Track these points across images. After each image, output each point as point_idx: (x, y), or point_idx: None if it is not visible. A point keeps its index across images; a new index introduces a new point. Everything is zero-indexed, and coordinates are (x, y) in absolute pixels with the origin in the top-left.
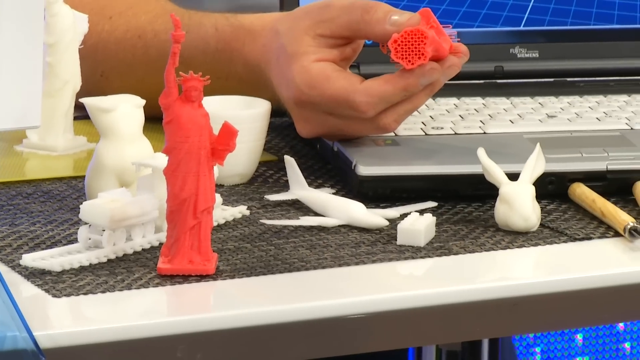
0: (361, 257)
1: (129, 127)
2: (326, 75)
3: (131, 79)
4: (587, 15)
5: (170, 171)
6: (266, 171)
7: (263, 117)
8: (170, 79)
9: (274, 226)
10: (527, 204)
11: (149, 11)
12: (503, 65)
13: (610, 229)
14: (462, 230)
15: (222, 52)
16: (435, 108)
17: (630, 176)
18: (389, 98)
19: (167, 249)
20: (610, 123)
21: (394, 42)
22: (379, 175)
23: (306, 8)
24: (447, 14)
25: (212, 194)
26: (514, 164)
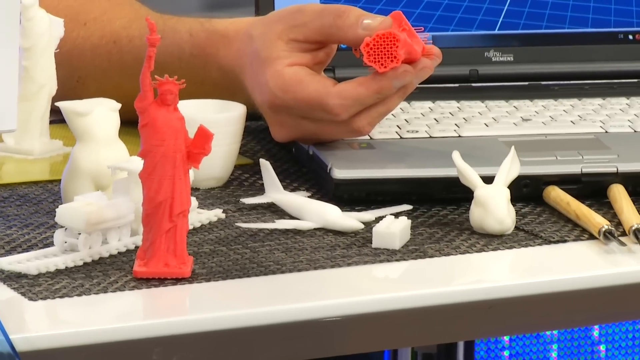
0: (336, 260)
1: (104, 131)
2: (299, 79)
3: (107, 84)
4: (561, 18)
5: (145, 174)
6: (242, 174)
7: (238, 120)
8: (146, 83)
9: (250, 229)
10: (502, 206)
11: (123, 16)
12: (478, 68)
13: (584, 231)
14: (437, 233)
15: (197, 58)
16: (410, 111)
17: (604, 179)
18: (363, 100)
19: (142, 252)
20: (585, 126)
21: (366, 45)
22: (354, 179)
23: (279, 13)
24: (421, 17)
25: (187, 197)
26: (488, 167)
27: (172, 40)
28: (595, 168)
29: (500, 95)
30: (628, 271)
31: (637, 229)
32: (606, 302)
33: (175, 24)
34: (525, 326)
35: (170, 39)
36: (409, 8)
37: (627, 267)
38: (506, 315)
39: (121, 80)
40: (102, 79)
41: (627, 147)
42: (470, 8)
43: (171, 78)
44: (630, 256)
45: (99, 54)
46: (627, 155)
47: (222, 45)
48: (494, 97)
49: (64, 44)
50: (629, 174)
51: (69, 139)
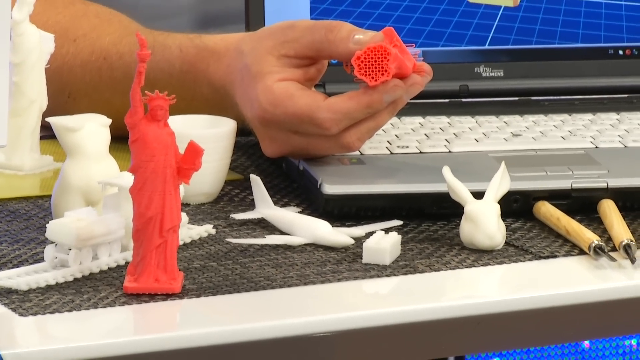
0: (327, 275)
1: (95, 146)
2: (289, 94)
3: (98, 100)
4: (551, 34)
5: (136, 190)
6: (232, 190)
7: (229, 136)
8: (136, 98)
9: (240, 245)
10: (492, 222)
11: (113, 32)
12: (468, 84)
13: (575, 247)
14: (428, 249)
15: (187, 74)
16: (400, 127)
17: (594, 194)
18: (353, 114)
19: (133, 268)
20: (575, 142)
21: (357, 58)
22: (344, 194)
23: (270, 29)
24: (412, 33)
25: (178, 213)
26: (479, 183)
27: (162, 56)
28: (586, 183)
29: (491, 110)
30: (618, 286)
31: (627, 245)
32: (596, 318)
33: (165, 40)
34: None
35: (160, 55)
36: (400, 24)
37: (617, 283)
38: (497, 331)
39: (111, 96)
40: (93, 94)
41: (617, 163)
42: (460, 23)
43: (161, 94)
44: (621, 271)
45: (89, 70)
46: (617, 170)
47: (213, 61)
48: (484, 112)
49: (54, 60)
50: (619, 189)
51: (60, 155)
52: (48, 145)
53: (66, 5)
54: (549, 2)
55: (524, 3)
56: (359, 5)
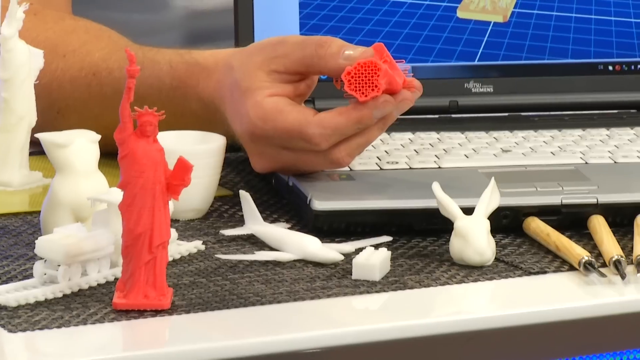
0: (316, 291)
1: (84, 162)
2: (279, 109)
3: (87, 116)
4: (541, 49)
5: (125, 206)
6: (221, 206)
7: (218, 152)
8: (125, 114)
9: (229, 261)
10: (482, 238)
11: (102, 48)
12: (458, 99)
13: (565, 262)
14: (417, 265)
15: (177, 90)
16: (390, 142)
17: (584, 210)
18: (343, 130)
19: (122, 284)
20: (565, 157)
21: (347, 74)
22: (334, 210)
23: (260, 44)
24: (401, 49)
25: (167, 229)
26: (468, 199)
27: (152, 72)
28: (575, 199)
29: (480, 126)
30: (608, 302)
31: (617, 260)
32: (586, 334)
33: (155, 56)
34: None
35: (149, 71)
36: (389, 39)
37: (607, 299)
38: (486, 347)
39: (101, 112)
40: (82, 110)
41: (607, 178)
42: (450, 39)
43: (151, 109)
44: (611, 287)
45: (79, 86)
46: (607, 186)
47: (202, 76)
48: (473, 128)
49: (43, 75)
50: (609, 205)
51: (49, 171)
52: (37, 161)
53: (56, 21)
54: (539, 18)
55: (513, 19)
56: (348, 21)
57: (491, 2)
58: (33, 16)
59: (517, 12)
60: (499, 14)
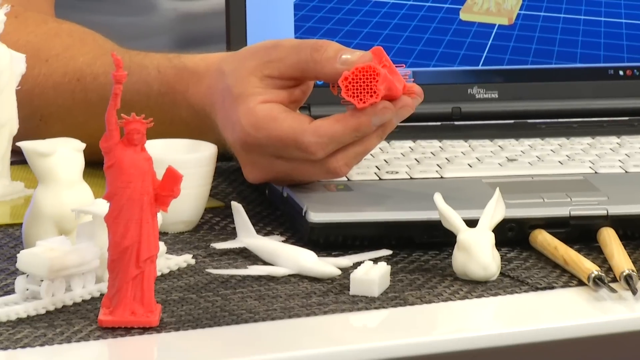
0: (312, 308)
1: (68, 172)
2: (273, 116)
3: (71, 123)
4: (548, 53)
5: (111, 218)
6: (212, 218)
7: (209, 161)
8: (112, 122)
9: (221, 276)
10: (486, 251)
11: (87, 52)
12: (461, 106)
13: (573, 277)
14: (418, 280)
15: (165, 96)
16: (389, 151)
17: (594, 222)
18: (340, 138)
19: (108, 300)
20: (573, 167)
21: (345, 79)
22: (330, 222)
23: (253, 48)
24: (402, 52)
25: (155, 242)
26: (472, 210)
27: (139, 77)
28: (584, 211)
29: (485, 134)
30: (619, 319)
31: (628, 275)
32: (596, 352)
33: (143, 60)
34: None
35: (137, 76)
36: (389, 43)
37: (618, 315)
38: None
39: (86, 119)
40: (66, 117)
41: (618, 189)
42: (452, 42)
43: (138, 116)
44: (621, 303)
45: (62, 92)
46: (617, 197)
47: (192, 82)
48: (477, 136)
49: (25, 81)
50: (619, 216)
51: (31, 181)
52: (19, 171)
53: (38, 24)
54: (546, 20)
55: (519, 21)
56: (346, 24)
57: (496, 3)
58: (14, 19)
59: (523, 14)
60: (504, 16)
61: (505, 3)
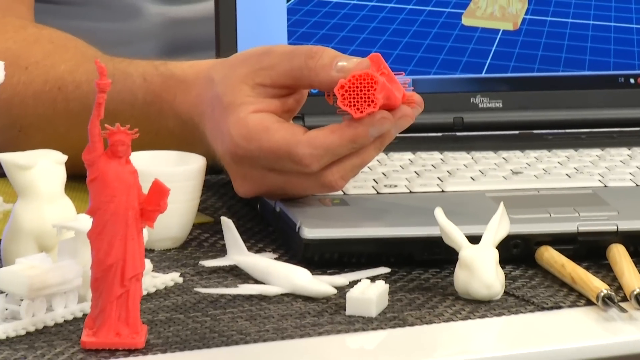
0: (306, 328)
1: (49, 186)
2: (265, 127)
3: (52, 134)
4: (555, 60)
5: (95, 234)
6: (201, 234)
7: (197, 174)
8: (95, 133)
9: (210, 295)
10: (489, 269)
11: (69, 59)
12: (463, 116)
13: (581, 297)
14: (418, 299)
15: (151, 105)
16: (388, 164)
17: (603, 238)
18: (335, 150)
19: (91, 321)
20: (582, 180)
21: (341, 87)
22: (325, 239)
23: (244, 54)
24: (400, 59)
25: (141, 260)
26: (475, 226)
27: (124, 86)
28: (593, 226)
29: (488, 145)
30: (629, 340)
31: (639, 294)
32: None
33: (127, 68)
34: None
35: (121, 84)
36: (387, 49)
37: (628, 336)
38: None
39: (67, 130)
40: (47, 128)
41: (629, 203)
42: (454, 49)
43: (123, 127)
44: (632, 324)
45: (43, 101)
46: (628, 212)
47: (180, 90)
48: (481, 147)
49: (3, 90)
50: (630, 232)
51: (10, 195)
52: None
53: (17, 29)
54: (553, 26)
55: (524, 26)
56: (341, 29)
57: (500, 8)
58: None
59: (529, 19)
60: (509, 21)
61: (510, 7)
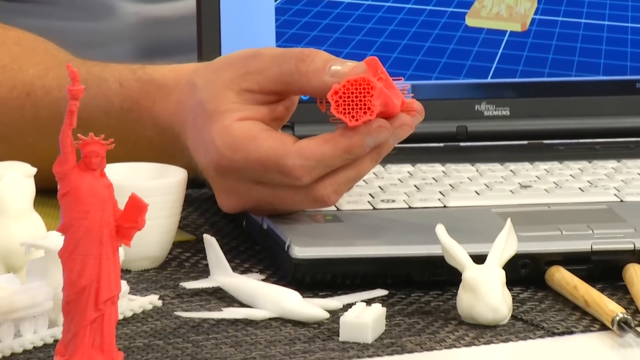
0: (296, 355)
1: (16, 201)
2: (252, 136)
3: (20, 144)
4: (567, 64)
5: (66, 253)
6: (182, 253)
7: (178, 187)
8: (67, 143)
9: (192, 319)
10: (495, 291)
11: (38, 63)
12: (467, 124)
13: (595, 321)
14: (418, 324)
15: (129, 113)
16: (385, 177)
17: (619, 258)
18: (328, 161)
19: (63, 347)
20: (596, 194)
21: (335, 93)
22: (317, 258)
23: (229, 58)
24: (399, 63)
25: (116, 281)
26: (480, 244)
27: (99, 92)
28: (608, 245)
29: (494, 156)
30: None
31: None
32: None
33: (102, 72)
34: None
35: (95, 90)
36: (384, 52)
37: None
38: None
39: (36, 140)
40: (14, 138)
41: None
42: (457, 52)
43: (97, 137)
44: None
45: (10, 109)
46: None
47: (159, 97)
48: (486, 159)
49: None
50: None
51: None
52: None
53: None
54: (565, 26)
55: (533, 27)
56: (335, 30)
57: (507, 7)
58: None
59: (538, 20)
60: (517, 21)
61: (518, 7)
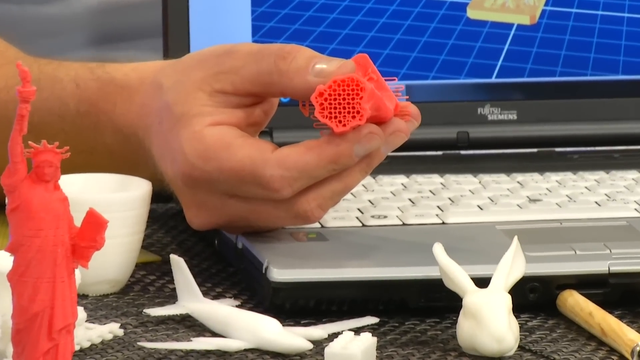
0: None
1: None
2: (225, 143)
3: None
4: (582, 62)
5: (16, 276)
6: (146, 276)
7: (141, 202)
8: (16, 152)
9: (157, 351)
10: (500, 319)
11: None
12: (468, 130)
13: (613, 351)
14: (413, 356)
15: (86, 117)
16: (376, 189)
17: (639, 281)
18: (312, 172)
19: None
20: (614, 209)
21: (320, 95)
22: (299, 282)
23: (200, 55)
24: (392, 61)
25: (72, 308)
26: (483, 265)
27: (52, 93)
28: (628, 266)
29: (500, 166)
30: None
31: None
32: None
33: (56, 71)
34: None
35: (49, 91)
36: (375, 48)
37: None
38: None
39: None
40: None
41: None
42: (457, 48)
43: (50, 144)
44: None
45: None
46: None
47: (121, 99)
48: (490, 169)
49: None
50: None
51: None
52: None
53: None
54: (579, 19)
55: (544, 20)
56: (319, 24)
57: None
58: None
59: (549, 12)
60: (525, 13)
61: None
